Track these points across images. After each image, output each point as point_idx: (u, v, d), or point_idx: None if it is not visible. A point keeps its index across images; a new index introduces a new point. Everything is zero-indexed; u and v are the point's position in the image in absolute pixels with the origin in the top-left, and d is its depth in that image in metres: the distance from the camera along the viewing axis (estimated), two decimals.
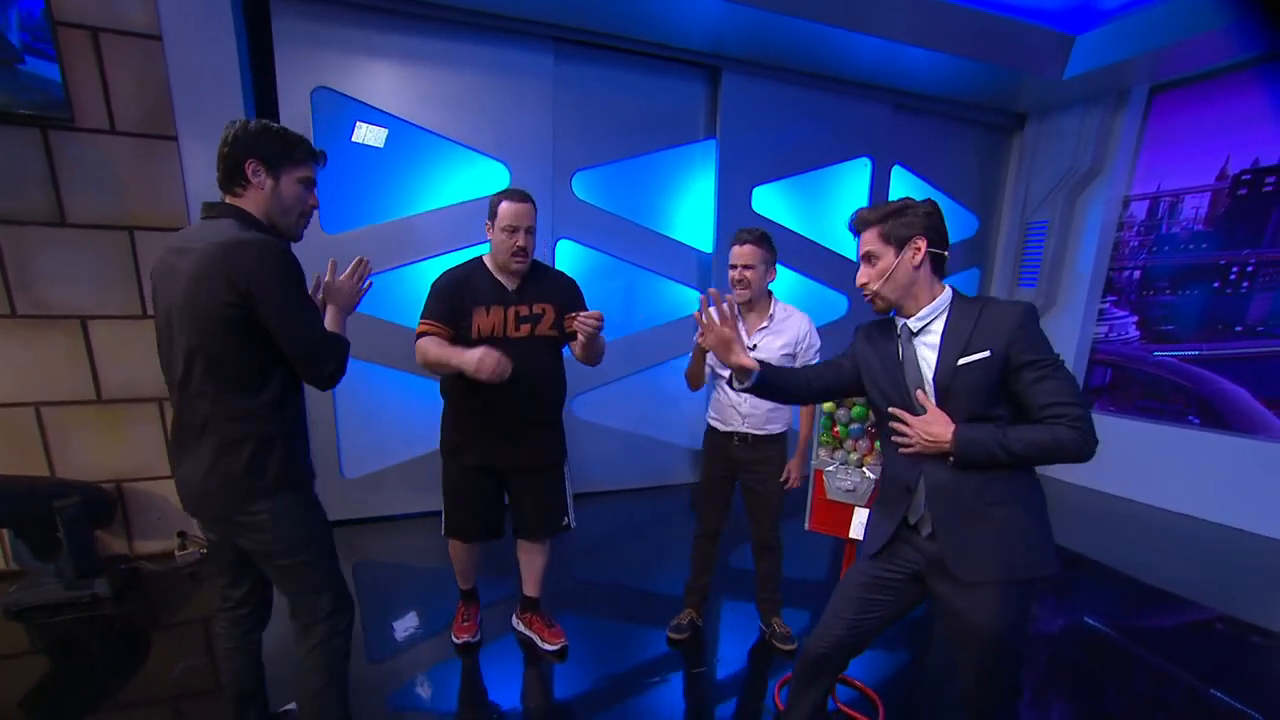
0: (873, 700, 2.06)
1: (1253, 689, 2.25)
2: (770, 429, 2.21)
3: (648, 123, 3.88)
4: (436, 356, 1.90)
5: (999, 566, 1.30)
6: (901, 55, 3.77)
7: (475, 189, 3.52)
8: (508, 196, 2.00)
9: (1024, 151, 4.86)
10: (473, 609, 2.46)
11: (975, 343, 1.29)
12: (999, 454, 1.26)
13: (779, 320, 2.18)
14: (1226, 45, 3.55)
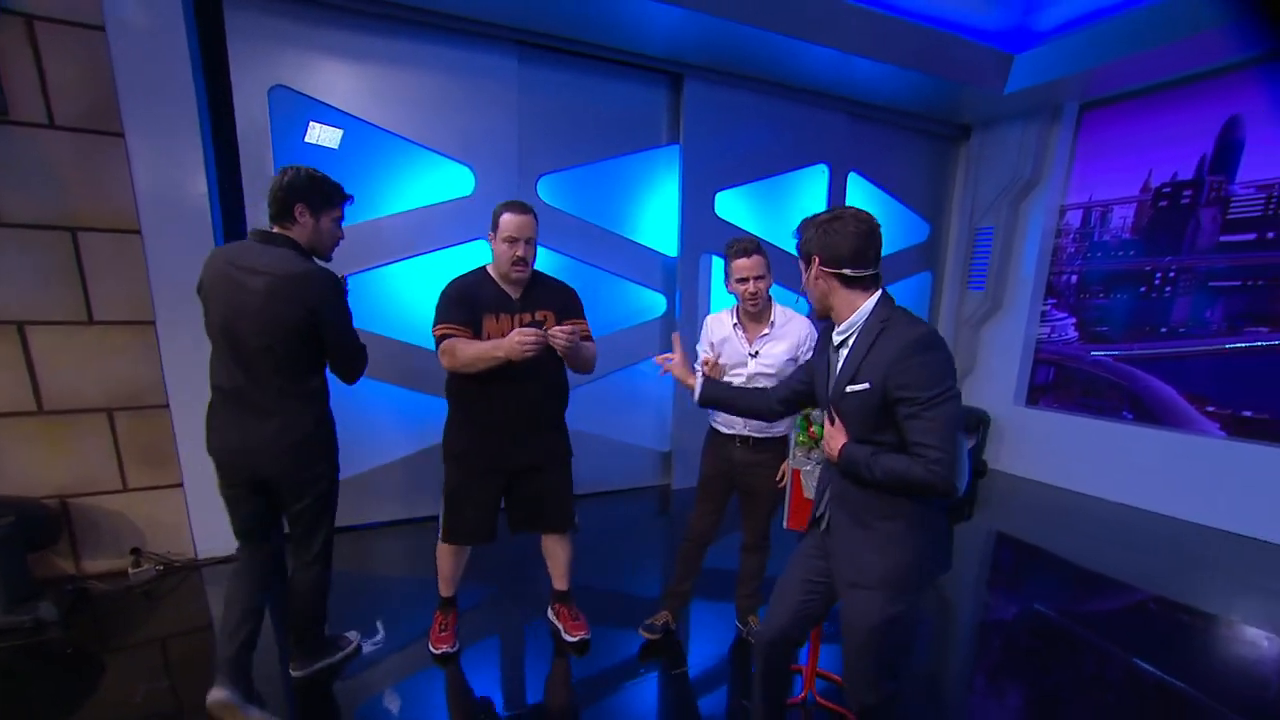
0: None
1: (1181, 662, 2.48)
2: (773, 431, 2.27)
3: (612, 127, 3.97)
4: (474, 353, 1.99)
5: (870, 574, 1.41)
6: (854, 66, 3.97)
7: (441, 192, 3.53)
8: (509, 208, 2.09)
9: (970, 161, 5.18)
10: (450, 618, 2.46)
11: (862, 372, 1.37)
12: (866, 475, 1.37)
13: (780, 326, 2.23)
14: (1148, 68, 3.92)
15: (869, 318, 1.41)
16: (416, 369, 3.54)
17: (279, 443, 1.86)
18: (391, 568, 3.25)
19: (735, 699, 2.23)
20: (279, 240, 1.83)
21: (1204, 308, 3.95)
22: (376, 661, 2.37)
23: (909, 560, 1.40)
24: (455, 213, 3.54)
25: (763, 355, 2.19)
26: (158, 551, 2.91)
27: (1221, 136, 3.85)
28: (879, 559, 1.41)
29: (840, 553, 1.48)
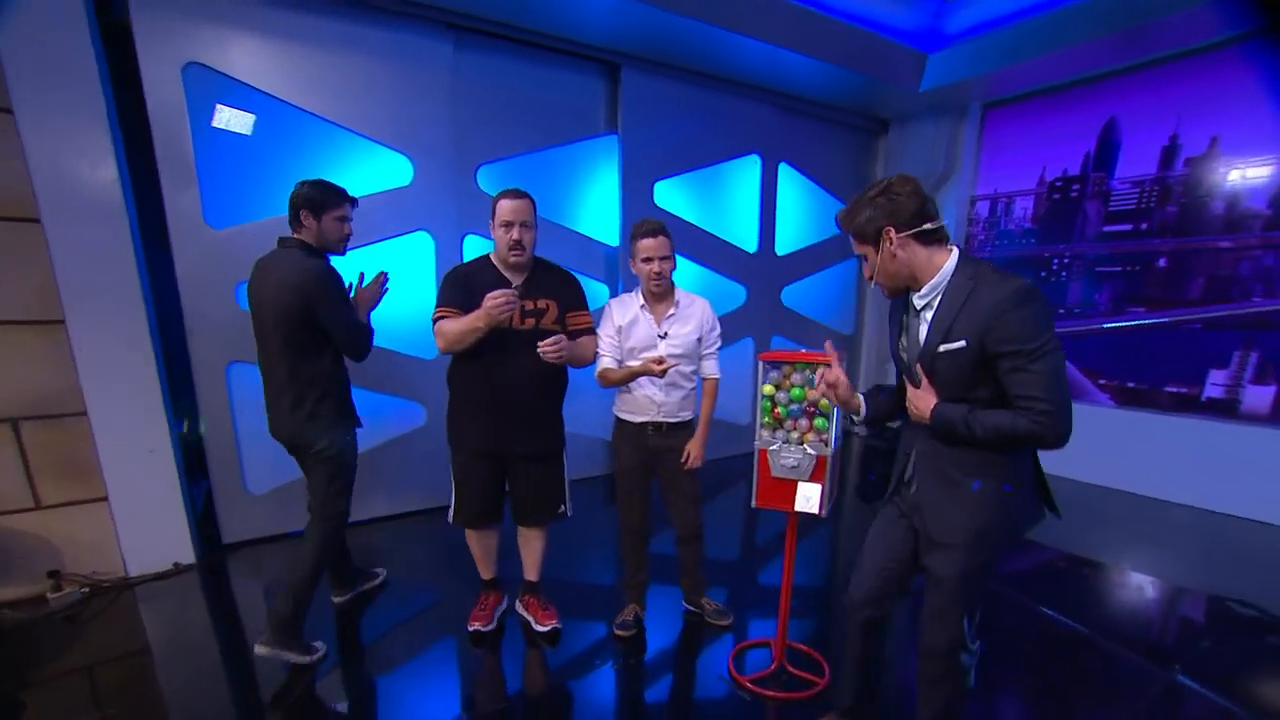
0: (819, 662, 2.31)
1: (1080, 608, 2.85)
2: (683, 415, 2.34)
3: (551, 117, 3.98)
4: (459, 328, 2.04)
5: (962, 531, 1.46)
6: (783, 60, 4.17)
7: (378, 182, 3.44)
8: (505, 194, 2.15)
9: (889, 154, 5.58)
10: (492, 599, 2.58)
11: (956, 330, 1.37)
12: (965, 434, 1.40)
13: (684, 307, 2.31)
14: (1039, 73, 4.37)
15: (954, 276, 1.40)
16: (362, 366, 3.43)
17: (293, 415, 2.22)
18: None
19: (713, 673, 2.30)
20: (290, 243, 2.22)
21: (1093, 291, 4.47)
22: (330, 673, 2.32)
23: (996, 519, 1.45)
24: (394, 203, 3.46)
25: (671, 335, 2.27)
26: (81, 573, 2.70)
27: (1102, 136, 4.36)
28: (967, 520, 1.45)
29: (928, 512, 1.52)
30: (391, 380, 3.54)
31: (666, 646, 2.49)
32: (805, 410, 1.97)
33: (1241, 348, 3.81)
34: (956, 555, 1.48)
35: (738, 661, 2.34)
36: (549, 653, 2.42)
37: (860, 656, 1.78)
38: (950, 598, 1.51)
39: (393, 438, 3.59)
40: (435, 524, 3.59)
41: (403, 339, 3.55)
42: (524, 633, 2.53)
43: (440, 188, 3.57)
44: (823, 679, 2.21)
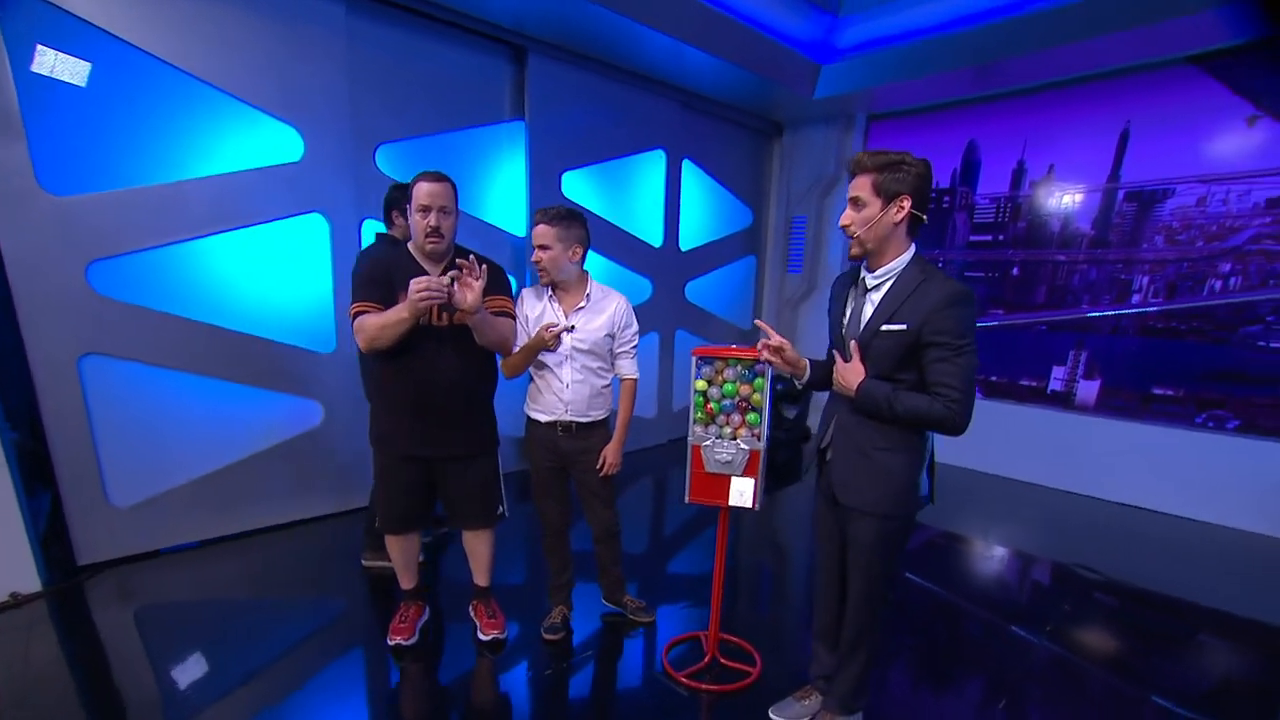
0: (750, 652, 2.44)
1: (953, 579, 3.29)
2: (593, 415, 2.32)
3: (454, 97, 3.88)
4: (380, 321, 1.96)
5: (869, 500, 1.68)
6: (686, 56, 4.31)
7: (260, 155, 3.17)
8: (423, 177, 2.04)
9: (783, 156, 5.99)
10: (413, 610, 2.48)
11: (900, 313, 1.55)
12: (885, 411, 1.59)
13: (596, 300, 2.29)
14: (912, 94, 4.91)
15: (909, 266, 1.59)
16: (247, 361, 3.18)
17: None
18: (237, 589, 2.90)
19: (649, 670, 2.38)
20: (382, 238, 2.68)
21: None
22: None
23: (901, 488, 1.67)
24: (280, 180, 3.22)
25: (578, 329, 2.24)
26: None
27: (965, 155, 4.99)
28: (874, 487, 1.67)
29: (839, 478, 1.73)
30: (282, 376, 3.31)
31: (597, 648, 2.52)
32: (737, 405, 2.12)
33: (1074, 348, 4.57)
34: (871, 523, 1.71)
35: (669, 658, 2.41)
36: (478, 663, 2.39)
37: (827, 625, 2.01)
38: (867, 559, 1.74)
39: (286, 439, 3.36)
40: (336, 531, 3.46)
41: (294, 330, 3.33)
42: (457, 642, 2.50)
43: (335, 166, 3.36)
44: (754, 668, 2.34)
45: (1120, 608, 3.03)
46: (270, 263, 3.25)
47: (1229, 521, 3.94)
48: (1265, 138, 3.77)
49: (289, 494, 3.43)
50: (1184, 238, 4.05)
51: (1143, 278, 4.21)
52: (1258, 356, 3.86)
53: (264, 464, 3.30)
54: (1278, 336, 3.77)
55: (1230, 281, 3.90)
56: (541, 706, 2.22)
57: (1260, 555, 3.60)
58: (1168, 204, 4.09)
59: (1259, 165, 3.79)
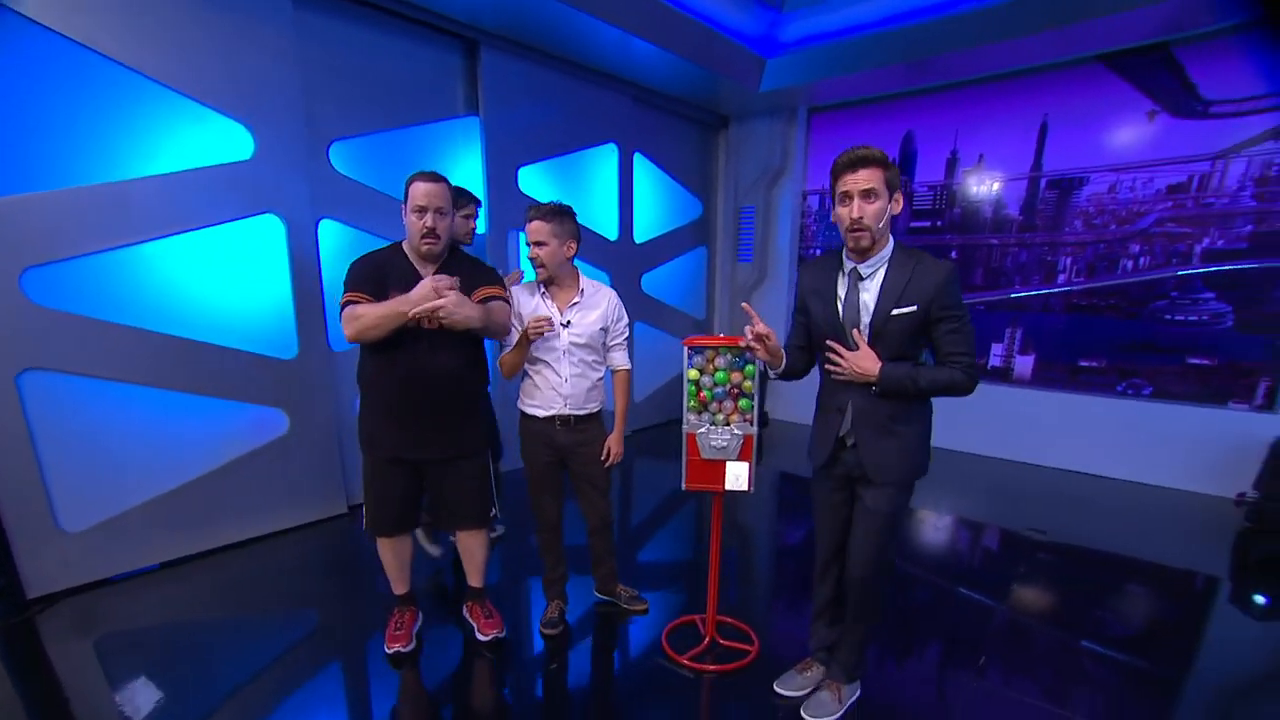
0: (746, 632, 2.54)
1: (945, 561, 3.54)
2: (589, 407, 2.38)
3: (407, 93, 3.82)
4: (380, 312, 1.95)
5: (898, 471, 1.80)
6: (635, 49, 4.36)
7: (208, 153, 3.03)
8: (419, 177, 2.06)
9: (730, 148, 6.16)
10: (408, 615, 2.47)
11: (907, 296, 1.67)
12: (910, 387, 1.70)
13: (589, 295, 2.35)
14: (849, 87, 5.17)
15: (895, 252, 1.74)
16: (204, 371, 3.05)
17: None
18: (205, 610, 2.78)
19: (652, 657, 2.43)
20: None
21: None
22: None
23: (920, 458, 1.83)
24: (231, 179, 3.09)
25: (574, 324, 2.30)
26: None
27: (903, 145, 5.29)
28: (901, 461, 1.79)
29: (871, 460, 1.81)
30: (242, 385, 3.19)
31: (597, 639, 2.58)
32: (729, 392, 2.22)
33: (1010, 325, 4.96)
34: (891, 492, 1.83)
35: (668, 642, 2.48)
36: (477, 664, 2.40)
37: (827, 601, 2.14)
38: (882, 525, 1.85)
39: (250, 450, 3.24)
40: (308, 542, 3.37)
41: (253, 337, 3.22)
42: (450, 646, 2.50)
43: (288, 165, 3.25)
44: (753, 646, 2.45)
45: (1063, 565, 3.33)
46: (225, 267, 3.12)
47: (1152, 479, 4.39)
48: (1163, 130, 4.20)
49: (255, 507, 3.31)
50: (1099, 222, 4.46)
51: (1066, 259, 4.62)
52: (1165, 329, 4.31)
53: (227, 477, 3.17)
54: (1182, 310, 4.23)
55: (1139, 261, 4.34)
56: (551, 701, 2.26)
57: (1179, 508, 4.03)
58: (1084, 191, 4.50)
59: (1159, 155, 4.22)
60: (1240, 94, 3.95)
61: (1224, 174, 4.05)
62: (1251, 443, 3.87)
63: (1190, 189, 4.15)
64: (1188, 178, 4.15)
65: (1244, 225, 4.01)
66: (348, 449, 3.66)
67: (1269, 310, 3.97)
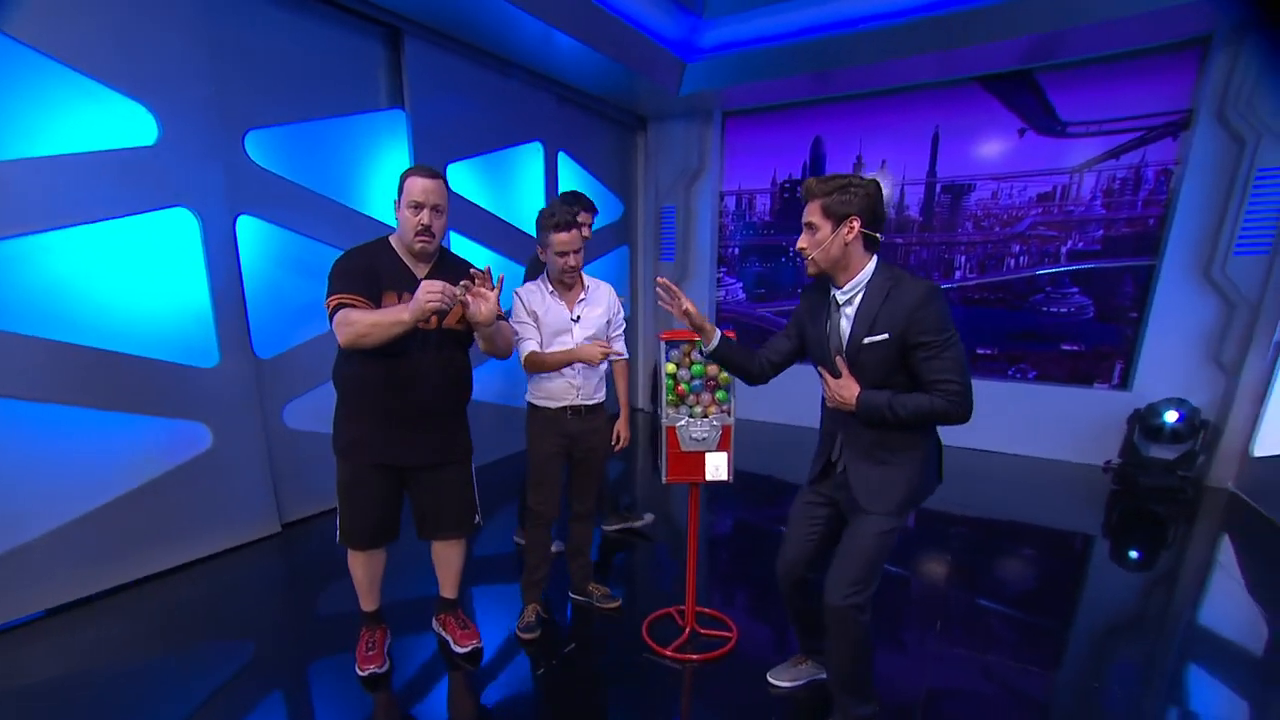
0: (723, 620, 2.62)
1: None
2: (598, 397, 2.52)
3: (328, 81, 3.60)
4: (375, 319, 1.82)
5: (884, 500, 1.74)
6: (557, 43, 4.31)
7: (104, 136, 2.68)
8: (416, 171, 1.99)
9: (648, 149, 6.30)
10: (379, 634, 2.33)
11: (879, 324, 1.61)
12: (889, 416, 1.61)
13: (592, 291, 2.49)
14: (765, 93, 5.45)
15: (874, 277, 1.66)
16: (112, 382, 2.72)
17: None
18: (127, 650, 2.47)
19: (634, 653, 2.47)
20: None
21: None
22: None
23: (914, 487, 1.75)
24: (132, 166, 2.76)
25: (583, 319, 2.43)
26: None
27: (812, 150, 5.68)
28: (887, 490, 1.74)
29: (859, 487, 1.77)
30: (156, 397, 2.87)
31: (577, 639, 2.59)
32: (706, 385, 2.33)
33: None
34: (878, 520, 1.76)
35: (650, 636, 2.52)
36: (463, 679, 2.33)
37: (798, 610, 2.13)
38: (865, 550, 1.76)
39: (169, 469, 2.92)
40: (242, 566, 3.11)
41: (167, 344, 2.90)
42: (423, 662, 2.41)
43: (199, 153, 2.96)
44: (732, 633, 2.54)
45: (967, 534, 3.69)
46: (132, 267, 2.78)
47: (1036, 453, 5.01)
48: (1031, 146, 4.81)
49: (177, 533, 3.00)
50: (986, 224, 5.04)
51: (961, 257, 5.17)
52: (1043, 319, 4.95)
53: (142, 501, 2.85)
54: (1055, 303, 4.88)
55: (1020, 259, 4.95)
56: (542, 707, 2.23)
57: (1058, 477, 4.63)
58: (972, 196, 5.06)
59: (1030, 167, 4.84)
60: (1090, 118, 4.61)
61: (1079, 186, 4.72)
62: (1113, 417, 4.57)
63: (1055, 198, 4.79)
64: (1053, 188, 4.79)
65: (1097, 230, 4.70)
66: (280, 463, 3.41)
67: (1119, 303, 4.69)
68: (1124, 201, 4.59)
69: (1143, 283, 4.58)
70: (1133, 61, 4.39)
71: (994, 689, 2.31)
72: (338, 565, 3.06)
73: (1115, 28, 3.97)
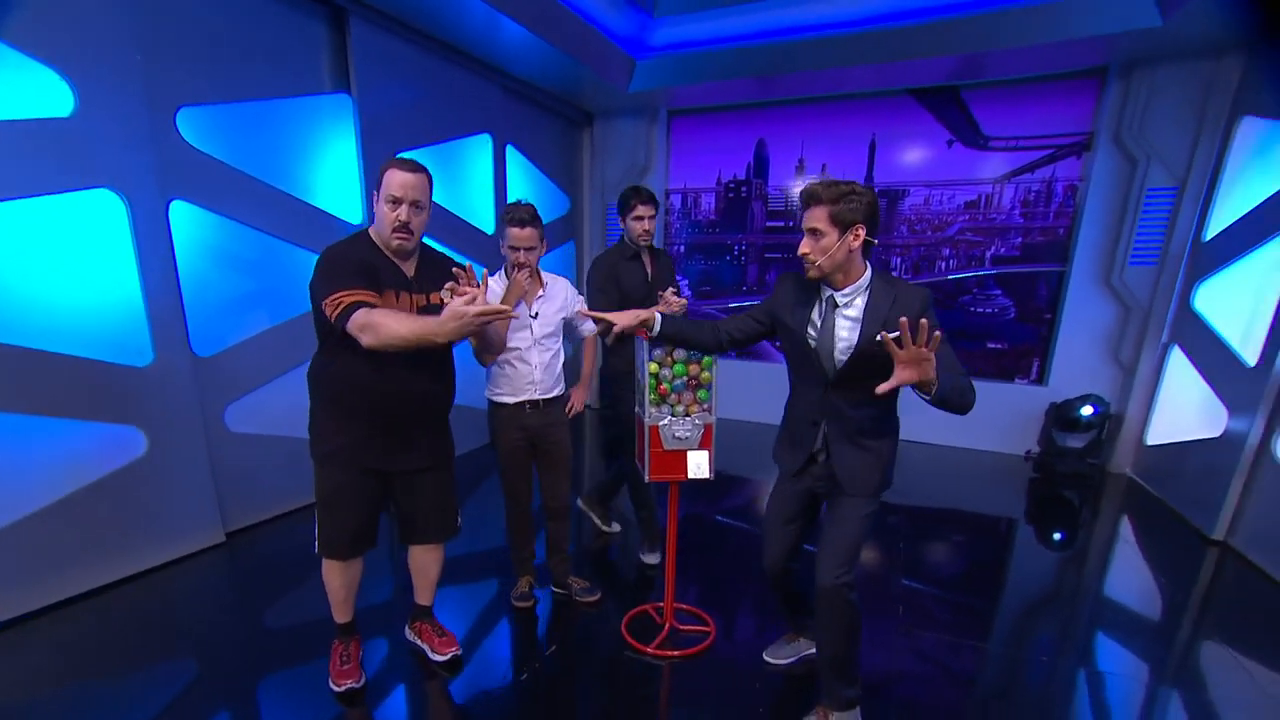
0: (700, 615, 2.70)
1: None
2: (556, 391, 2.61)
3: (266, 59, 3.37)
4: (410, 332, 1.65)
5: (868, 483, 1.89)
6: (508, 32, 4.21)
7: (8, 103, 2.40)
8: (397, 165, 1.88)
9: (595, 145, 6.27)
10: (353, 646, 2.24)
11: (890, 324, 1.67)
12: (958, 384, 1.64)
13: (550, 287, 2.56)
14: (711, 94, 5.56)
15: (875, 281, 1.77)
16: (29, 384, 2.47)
17: None
18: (22, 689, 2.21)
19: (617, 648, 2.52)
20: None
21: (765, 271, 6.02)
22: None
23: (887, 470, 1.91)
24: (43, 138, 2.49)
25: (541, 316, 2.51)
26: None
27: (756, 151, 5.85)
28: (871, 473, 1.88)
29: (843, 473, 1.89)
30: (85, 400, 2.62)
31: (560, 640, 2.61)
32: (688, 384, 2.37)
33: None
34: (861, 502, 1.91)
35: (631, 634, 2.57)
36: (444, 687, 2.28)
37: (786, 595, 2.28)
38: (852, 533, 1.90)
39: (100, 478, 2.67)
40: (183, 579, 2.90)
41: (93, 341, 2.65)
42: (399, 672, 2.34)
43: (123, 128, 2.70)
44: (710, 627, 2.61)
45: (907, 523, 3.91)
46: (50, 254, 2.53)
47: (964, 444, 5.38)
48: (958, 156, 5.17)
49: (110, 547, 2.77)
50: (919, 228, 5.37)
51: (897, 259, 5.47)
52: (971, 319, 5.32)
53: (70, 514, 2.60)
54: (981, 304, 5.26)
55: (950, 262, 5.31)
56: (528, 711, 2.21)
57: (985, 466, 5.01)
58: (906, 201, 5.38)
59: (957, 176, 5.19)
60: (1009, 134, 4.99)
61: (1001, 196, 5.11)
62: (1033, 410, 5.00)
63: (980, 206, 5.17)
64: (978, 196, 5.16)
65: (1016, 237, 5.11)
66: (223, 469, 3.20)
67: (1036, 305, 5.13)
68: (1038, 212, 5.01)
69: (1055, 287, 5.03)
70: (1044, 85, 4.80)
71: (930, 665, 2.50)
72: (287, 575, 2.98)
73: (1025, 54, 4.33)
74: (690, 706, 2.27)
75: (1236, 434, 3.55)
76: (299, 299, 3.59)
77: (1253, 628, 2.79)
